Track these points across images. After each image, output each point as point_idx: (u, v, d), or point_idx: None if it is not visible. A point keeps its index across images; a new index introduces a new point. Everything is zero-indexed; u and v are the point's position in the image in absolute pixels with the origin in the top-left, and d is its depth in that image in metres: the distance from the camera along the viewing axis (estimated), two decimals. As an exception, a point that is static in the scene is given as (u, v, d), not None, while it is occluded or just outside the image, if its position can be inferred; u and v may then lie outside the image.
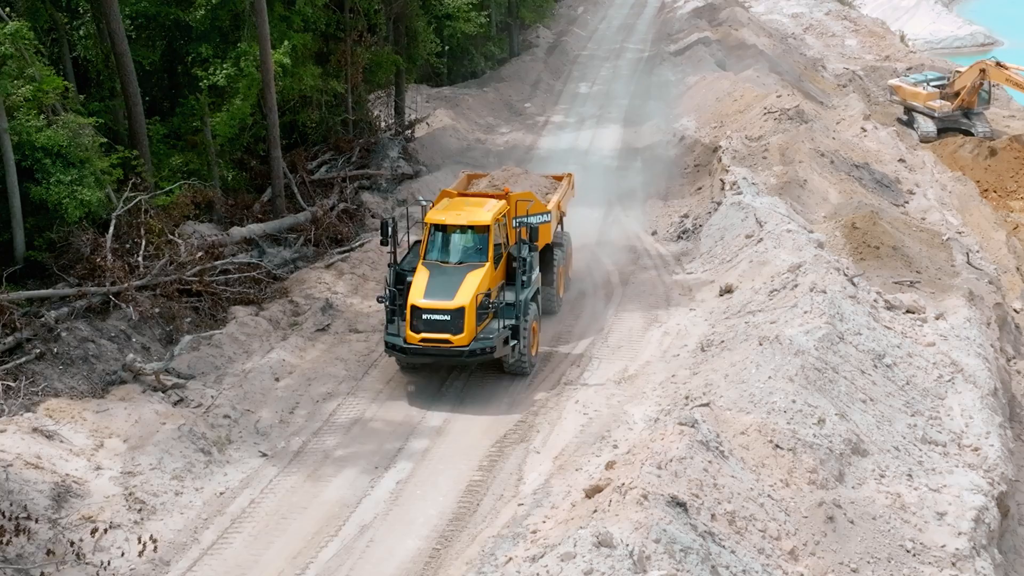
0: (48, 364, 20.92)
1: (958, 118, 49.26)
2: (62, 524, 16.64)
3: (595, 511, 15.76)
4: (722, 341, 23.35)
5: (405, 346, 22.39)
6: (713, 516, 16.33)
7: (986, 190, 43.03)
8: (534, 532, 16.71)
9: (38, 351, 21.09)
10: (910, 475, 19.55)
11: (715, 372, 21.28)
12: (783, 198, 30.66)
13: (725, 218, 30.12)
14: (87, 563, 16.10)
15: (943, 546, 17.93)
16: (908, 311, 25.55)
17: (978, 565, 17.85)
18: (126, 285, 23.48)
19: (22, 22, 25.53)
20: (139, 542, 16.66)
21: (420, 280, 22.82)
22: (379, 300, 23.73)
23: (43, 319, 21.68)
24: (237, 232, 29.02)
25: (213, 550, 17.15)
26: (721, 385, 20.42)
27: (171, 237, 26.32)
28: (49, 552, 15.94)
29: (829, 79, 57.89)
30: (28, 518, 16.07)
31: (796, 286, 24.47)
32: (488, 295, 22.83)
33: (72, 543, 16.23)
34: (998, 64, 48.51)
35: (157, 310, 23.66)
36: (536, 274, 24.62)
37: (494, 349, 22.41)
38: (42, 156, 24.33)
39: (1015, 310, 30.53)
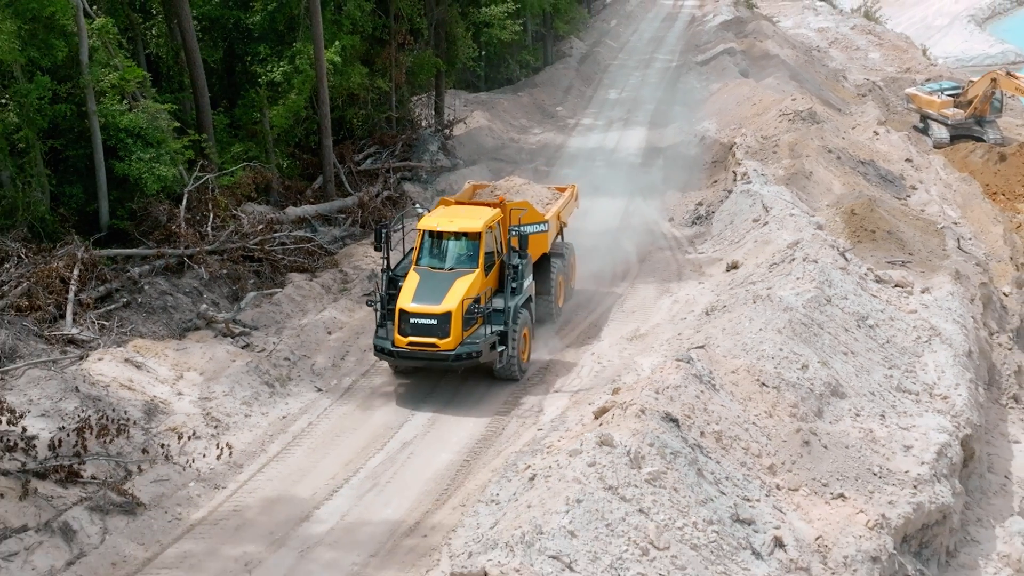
0: (134, 311, 24.23)
1: (971, 125, 51.81)
2: (153, 432, 19.81)
3: (600, 424, 18.67)
4: (724, 306, 26.13)
5: (393, 349, 22.89)
6: (702, 433, 19.12)
7: (995, 193, 45.56)
8: (549, 447, 19.60)
9: (125, 300, 24.44)
10: (883, 415, 22.23)
11: (715, 328, 24.10)
12: (789, 187, 33.42)
13: (735, 204, 32.96)
14: (175, 462, 19.26)
15: (907, 472, 20.57)
16: (896, 285, 28.26)
17: (936, 489, 20.48)
18: (198, 249, 26.74)
19: (107, 19, 28.93)
20: (217, 448, 19.82)
21: (410, 284, 23.25)
22: (368, 304, 24.18)
23: (128, 274, 24.95)
24: (292, 211, 32.21)
25: (279, 458, 20.31)
26: (719, 337, 23.21)
27: (235, 212, 29.54)
28: (144, 451, 19.11)
29: (850, 89, 60.51)
30: (127, 423, 19.20)
31: (793, 259, 27.25)
32: (477, 301, 23.16)
33: (162, 446, 19.40)
34: (1008, 74, 51.15)
35: (224, 272, 26.88)
36: (528, 282, 25.04)
37: (480, 354, 22.82)
38: (124, 136, 27.67)
39: (1004, 293, 33.11)
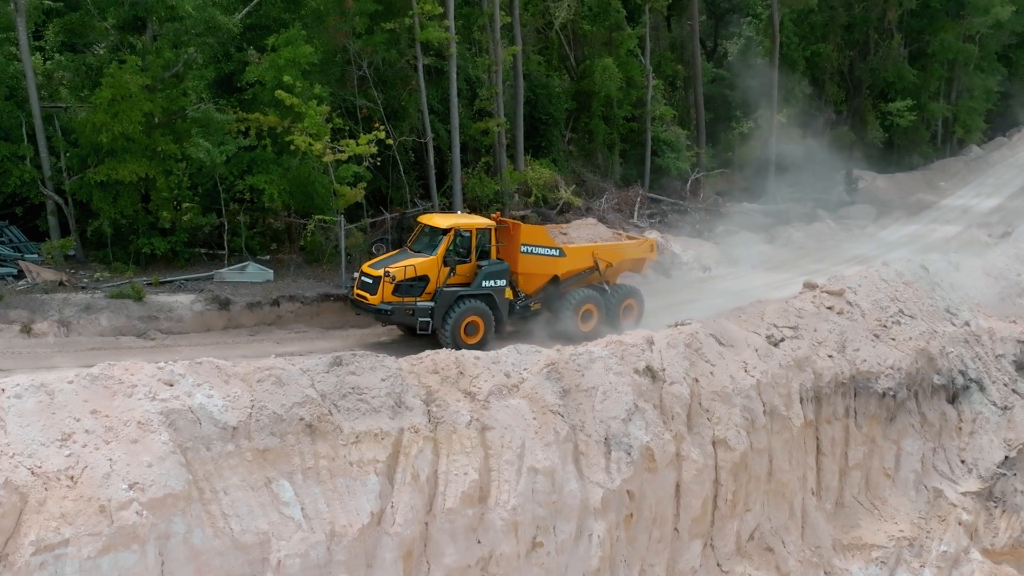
0: (664, 226, 47.24)
1: None
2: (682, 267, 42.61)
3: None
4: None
5: (351, 297, 28.53)
6: (940, 281, 38.75)
7: None
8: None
9: (659, 219, 47.56)
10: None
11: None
12: (1071, 217, 51.22)
13: (1029, 222, 51.29)
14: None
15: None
16: (1116, 268, 45.62)
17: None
18: (693, 204, 49.67)
19: (659, 80, 53.16)
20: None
21: (384, 255, 29.00)
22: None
23: (659, 208, 48.39)
24: (734, 207, 54.33)
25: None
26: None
27: (714, 193, 52.33)
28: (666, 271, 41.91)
29: None
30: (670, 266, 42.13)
31: (1042, 240, 45.72)
32: (420, 279, 27.28)
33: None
34: None
35: (707, 218, 49.47)
36: (492, 284, 28.22)
37: (392, 314, 27.19)
38: (662, 144, 51.52)
39: None
